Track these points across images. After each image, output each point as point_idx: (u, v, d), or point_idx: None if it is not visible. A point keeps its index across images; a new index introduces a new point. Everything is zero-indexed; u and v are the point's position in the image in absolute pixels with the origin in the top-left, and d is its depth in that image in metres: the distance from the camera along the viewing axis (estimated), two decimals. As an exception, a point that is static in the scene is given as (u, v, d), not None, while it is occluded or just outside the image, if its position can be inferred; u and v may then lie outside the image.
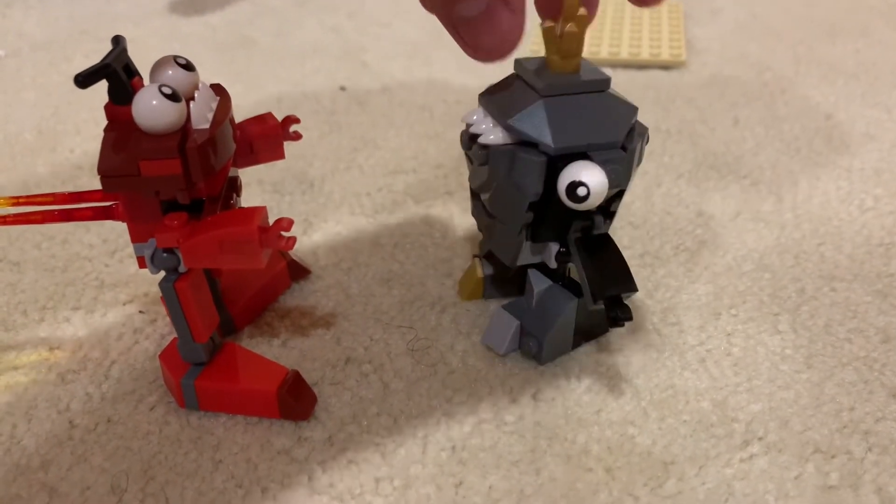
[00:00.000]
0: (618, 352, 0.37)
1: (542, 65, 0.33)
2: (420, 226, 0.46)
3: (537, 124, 0.31)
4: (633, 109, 0.33)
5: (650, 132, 0.55)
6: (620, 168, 0.31)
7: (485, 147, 0.33)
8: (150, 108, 0.29)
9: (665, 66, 0.65)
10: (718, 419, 0.34)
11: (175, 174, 0.29)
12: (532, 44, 0.68)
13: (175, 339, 0.34)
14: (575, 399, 0.35)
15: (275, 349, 0.38)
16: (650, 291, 0.41)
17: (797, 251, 0.44)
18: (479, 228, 0.38)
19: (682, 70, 0.65)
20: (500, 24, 0.28)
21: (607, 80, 0.33)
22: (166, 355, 0.35)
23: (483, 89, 0.35)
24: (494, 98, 0.33)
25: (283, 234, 0.30)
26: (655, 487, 0.31)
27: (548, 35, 0.32)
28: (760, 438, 0.33)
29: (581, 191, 0.30)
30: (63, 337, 0.39)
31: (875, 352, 0.37)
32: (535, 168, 0.31)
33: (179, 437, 0.33)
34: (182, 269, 0.31)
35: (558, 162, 0.31)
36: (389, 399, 0.35)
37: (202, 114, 0.31)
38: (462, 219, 0.46)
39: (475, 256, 0.41)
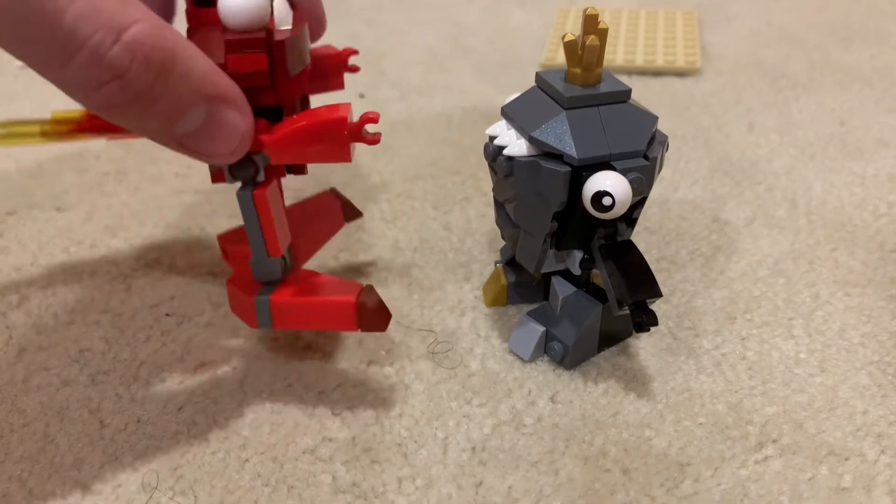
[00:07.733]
0: (634, 355, 0.38)
1: (563, 77, 0.34)
2: (439, 231, 0.47)
3: (561, 136, 0.32)
4: (654, 119, 0.34)
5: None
6: (643, 177, 0.32)
7: (510, 159, 0.34)
8: (238, 3, 0.29)
9: (680, 73, 0.66)
10: (733, 421, 0.34)
11: (261, 69, 0.30)
12: (547, 51, 0.69)
13: (237, 268, 0.35)
14: (592, 402, 0.36)
15: (298, 352, 0.39)
16: (666, 296, 0.41)
17: (811, 256, 0.44)
18: (503, 237, 0.39)
19: (697, 76, 0.65)
20: (230, 125, 0.28)
21: (628, 92, 0.33)
22: (234, 280, 0.35)
23: (500, 98, 0.35)
24: (517, 111, 0.34)
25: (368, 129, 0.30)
26: (672, 488, 0.32)
27: (569, 49, 0.33)
28: (775, 441, 0.33)
29: (606, 200, 0.31)
30: (92, 339, 0.40)
31: (888, 356, 0.37)
32: (559, 178, 0.32)
33: (207, 436, 0.34)
34: (260, 178, 0.31)
35: (582, 172, 0.32)
36: (411, 401, 0.36)
37: (284, 17, 0.31)
38: (480, 224, 0.47)
39: (497, 263, 0.42)
